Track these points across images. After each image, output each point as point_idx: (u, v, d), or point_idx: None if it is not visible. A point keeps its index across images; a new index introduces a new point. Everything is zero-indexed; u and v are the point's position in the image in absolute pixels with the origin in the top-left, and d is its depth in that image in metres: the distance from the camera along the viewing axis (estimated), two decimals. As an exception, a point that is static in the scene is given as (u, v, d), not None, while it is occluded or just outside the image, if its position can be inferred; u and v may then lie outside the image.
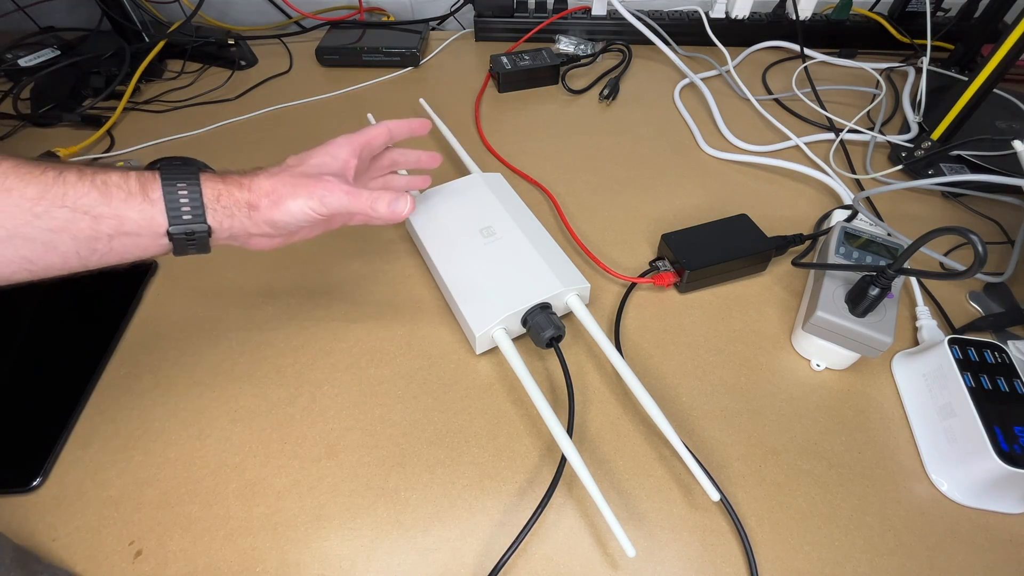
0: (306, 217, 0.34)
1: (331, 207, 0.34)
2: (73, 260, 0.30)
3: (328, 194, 0.34)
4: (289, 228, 0.35)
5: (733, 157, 0.62)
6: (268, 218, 0.33)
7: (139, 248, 0.31)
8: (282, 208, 0.33)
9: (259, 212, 0.33)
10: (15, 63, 0.70)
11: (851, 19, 0.79)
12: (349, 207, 0.35)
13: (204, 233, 0.32)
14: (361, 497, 0.36)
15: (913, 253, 0.36)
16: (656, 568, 0.34)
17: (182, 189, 0.31)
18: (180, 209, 0.31)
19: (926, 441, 0.39)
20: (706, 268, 0.46)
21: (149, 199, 0.30)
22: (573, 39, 0.78)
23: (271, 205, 0.33)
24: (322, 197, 0.34)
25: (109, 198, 0.29)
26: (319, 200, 0.34)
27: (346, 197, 0.35)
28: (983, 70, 0.51)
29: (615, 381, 0.42)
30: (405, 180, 0.47)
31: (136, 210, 0.30)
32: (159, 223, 0.31)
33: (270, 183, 0.34)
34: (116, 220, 0.30)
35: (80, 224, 0.29)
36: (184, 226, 0.31)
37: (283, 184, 0.34)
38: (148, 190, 0.31)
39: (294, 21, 0.87)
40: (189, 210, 0.31)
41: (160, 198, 0.31)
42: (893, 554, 0.34)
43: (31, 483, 0.36)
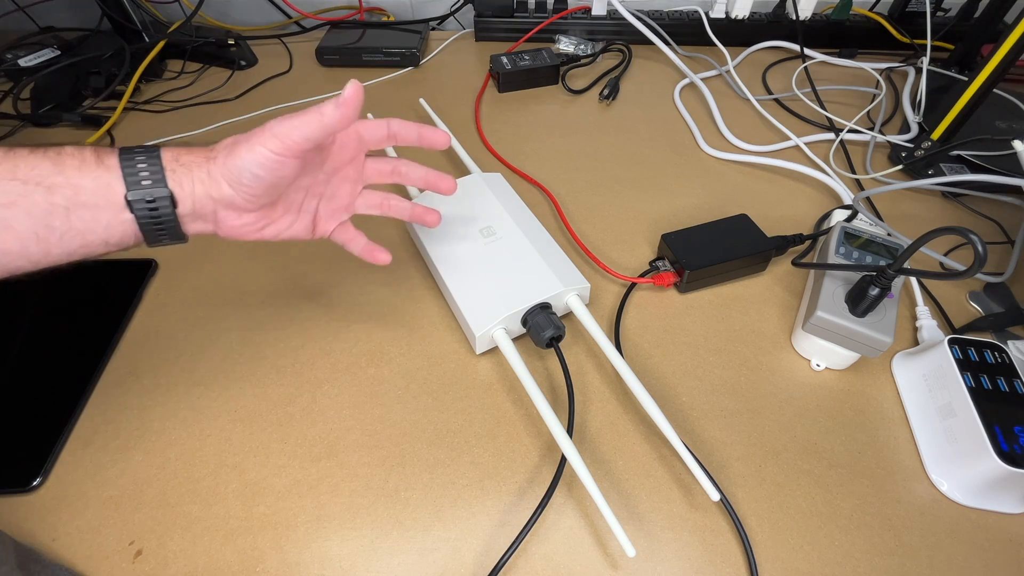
0: (263, 160, 0.31)
1: (281, 135, 0.31)
2: (32, 244, 0.28)
3: (277, 124, 0.31)
4: (245, 179, 0.31)
5: (733, 157, 0.62)
6: (224, 166, 0.31)
7: (100, 226, 0.29)
8: (238, 153, 0.31)
9: (216, 163, 0.31)
10: (15, 63, 0.70)
11: (851, 19, 0.79)
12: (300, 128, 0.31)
13: (166, 200, 0.30)
14: (361, 497, 0.36)
15: (913, 253, 0.36)
16: (656, 568, 0.34)
17: (139, 155, 0.30)
18: (138, 173, 0.29)
19: (926, 441, 0.39)
20: (706, 268, 0.46)
21: (104, 165, 0.29)
22: (573, 39, 0.78)
23: (228, 153, 0.31)
24: (273, 129, 0.31)
25: (62, 166, 0.28)
26: (271, 134, 0.31)
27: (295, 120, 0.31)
28: (983, 70, 0.51)
29: (615, 381, 0.42)
30: (409, 206, 0.42)
31: (90, 177, 0.28)
32: (116, 190, 0.29)
33: (232, 137, 0.32)
34: (71, 190, 0.28)
35: (33, 196, 0.27)
36: (143, 191, 0.29)
37: (243, 135, 0.32)
38: (103, 157, 0.29)
39: (294, 21, 0.87)
40: (148, 175, 0.29)
41: (116, 164, 0.29)
42: (893, 554, 0.34)
43: (31, 483, 0.36)
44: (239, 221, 0.33)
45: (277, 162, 0.31)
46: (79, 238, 0.29)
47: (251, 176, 0.31)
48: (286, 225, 0.36)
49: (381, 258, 0.41)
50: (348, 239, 0.40)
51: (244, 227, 0.34)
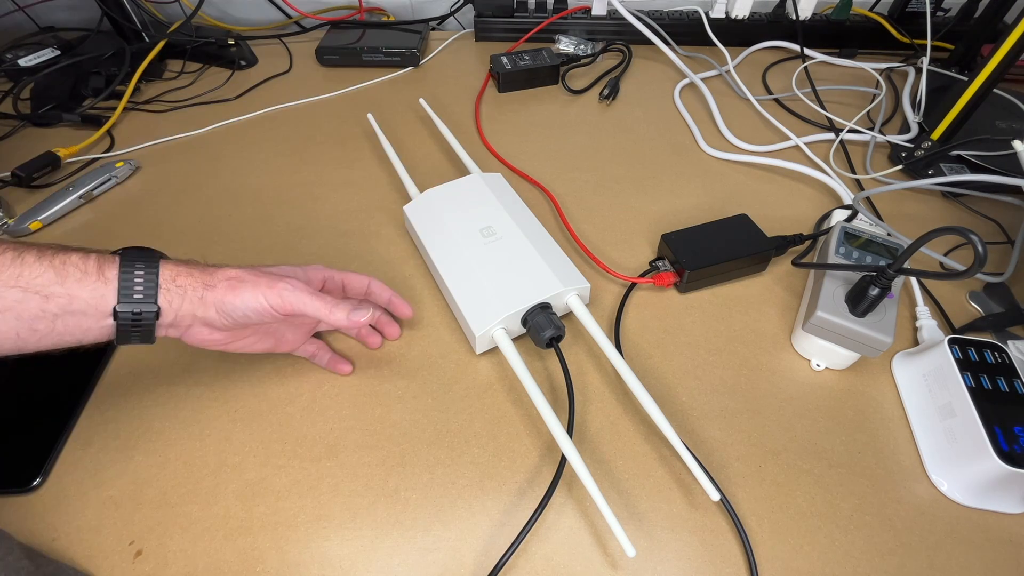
0: (261, 308, 0.34)
1: (290, 304, 0.34)
2: (8, 342, 0.29)
3: (290, 290, 0.34)
4: (236, 316, 0.34)
5: (733, 157, 0.62)
6: (221, 300, 0.33)
7: (80, 330, 0.31)
8: (239, 292, 0.33)
9: (213, 292, 0.33)
10: (15, 63, 0.70)
11: (851, 19, 0.79)
12: (307, 308, 0.35)
13: (151, 315, 0.31)
14: (361, 497, 0.36)
15: (913, 253, 0.36)
16: (656, 568, 0.34)
17: (139, 270, 0.31)
18: (133, 289, 0.31)
19: (926, 441, 0.39)
20: (706, 268, 0.46)
21: (104, 278, 0.30)
22: (573, 39, 0.78)
23: (228, 289, 0.33)
24: (283, 292, 0.34)
25: (64, 278, 0.29)
26: (278, 294, 0.34)
27: (308, 297, 0.35)
28: (983, 70, 0.51)
29: (615, 381, 0.42)
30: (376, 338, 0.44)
31: (88, 289, 0.30)
32: (108, 302, 0.30)
33: (236, 272, 0.34)
34: (66, 299, 0.29)
35: (29, 304, 0.28)
36: (132, 305, 0.31)
37: (248, 274, 0.34)
38: (104, 269, 0.31)
39: (294, 21, 0.87)
40: (142, 291, 0.31)
41: (115, 277, 0.31)
42: (893, 554, 0.34)
43: (31, 483, 0.36)
44: (209, 337, 0.35)
45: (271, 316, 0.35)
46: (55, 339, 0.30)
47: (243, 315, 0.34)
48: (250, 344, 0.38)
49: (343, 370, 0.42)
50: (312, 353, 0.43)
51: (212, 342, 0.36)
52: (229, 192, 0.58)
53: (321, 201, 0.57)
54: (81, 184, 0.56)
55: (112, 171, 0.58)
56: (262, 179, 0.59)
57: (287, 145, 0.64)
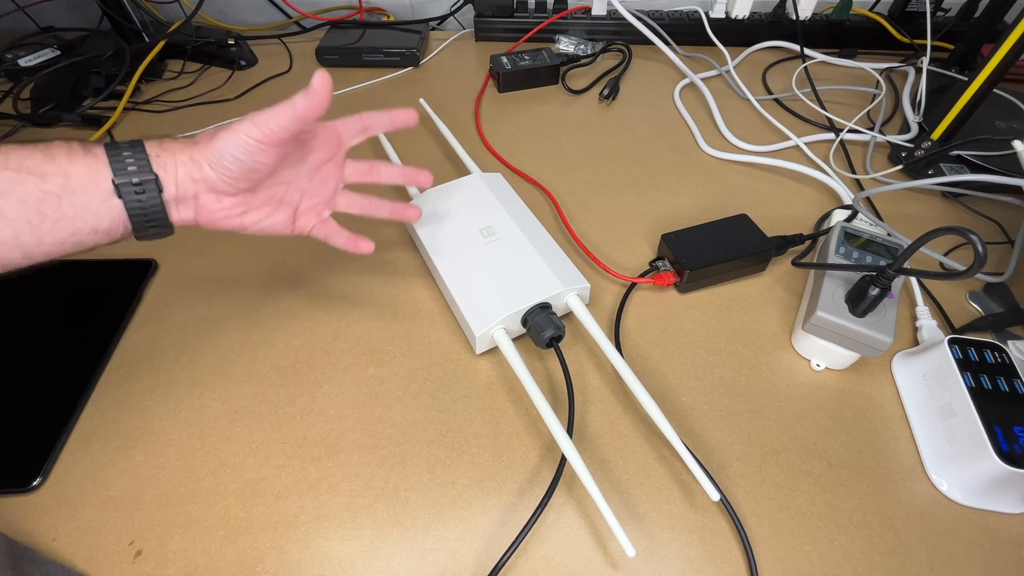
0: (242, 144, 0.32)
1: (260, 123, 0.33)
2: (25, 231, 0.29)
3: (257, 113, 0.33)
4: (228, 163, 0.33)
5: (733, 157, 0.62)
6: (207, 151, 0.33)
7: (89, 212, 0.31)
8: (220, 137, 0.33)
9: (197, 148, 0.33)
10: (15, 63, 0.70)
11: (851, 19, 0.79)
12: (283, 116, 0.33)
13: (153, 184, 0.32)
14: (361, 497, 0.36)
15: (913, 253, 0.36)
16: (656, 568, 0.34)
17: (124, 148, 0.32)
18: (124, 161, 0.31)
19: (926, 441, 0.39)
20: (706, 268, 0.46)
21: (92, 154, 0.31)
22: (573, 39, 0.78)
23: (209, 138, 0.33)
24: (254, 118, 0.33)
25: (52, 156, 0.30)
26: (251, 122, 0.33)
27: (278, 108, 0.33)
28: (983, 70, 0.51)
29: (615, 381, 0.42)
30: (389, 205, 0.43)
31: (80, 166, 0.30)
32: (104, 176, 0.31)
33: (213, 128, 0.34)
34: (62, 176, 0.30)
35: (27, 184, 0.29)
36: (130, 175, 0.31)
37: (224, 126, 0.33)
38: (90, 148, 0.31)
39: (294, 21, 0.87)
40: (133, 161, 0.31)
41: (103, 153, 0.31)
42: (893, 554, 0.34)
43: (31, 483, 0.36)
44: (219, 205, 0.35)
45: (256, 148, 0.33)
46: (69, 225, 0.30)
47: (232, 159, 0.33)
48: (265, 214, 0.37)
49: (364, 247, 0.42)
50: (330, 233, 0.41)
51: (223, 212, 0.35)
52: (229, 192, 0.58)
53: (321, 201, 0.57)
54: (81, 184, 0.56)
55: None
56: (262, 179, 0.59)
57: (287, 145, 0.64)
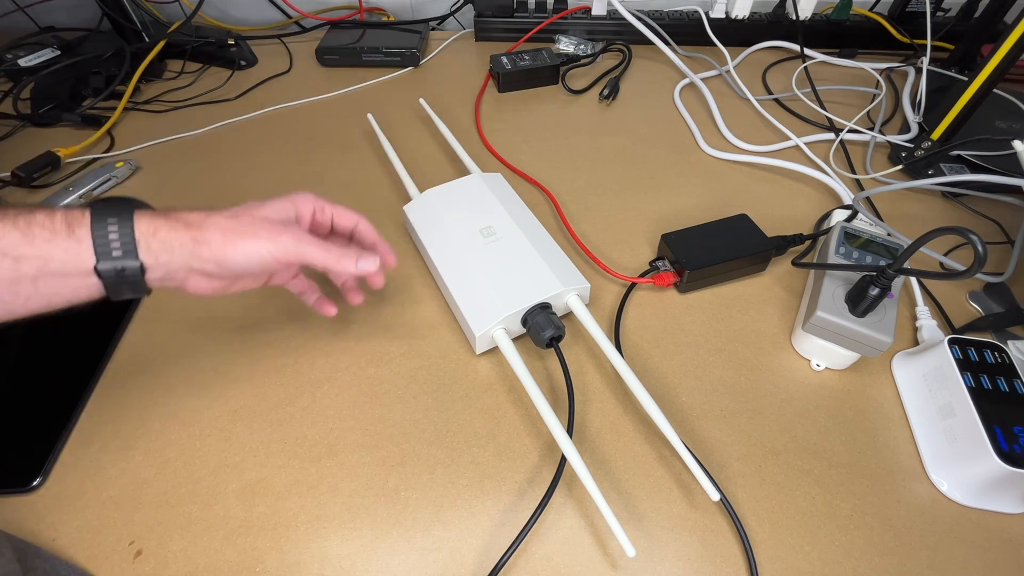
0: (261, 260, 0.32)
1: (292, 254, 0.33)
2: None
3: (294, 243, 0.33)
4: (237, 269, 0.33)
5: (733, 157, 0.62)
6: (218, 255, 0.31)
7: (67, 289, 0.29)
8: (237, 246, 0.32)
9: (208, 247, 0.31)
10: (15, 63, 0.70)
11: (851, 19, 0.79)
12: (315, 259, 0.34)
13: (136, 270, 0.30)
14: (361, 497, 0.36)
15: (913, 253, 0.36)
16: (656, 568, 0.34)
17: (112, 225, 0.29)
18: (109, 245, 0.29)
19: (926, 441, 0.39)
20: (706, 268, 0.46)
21: (75, 236, 0.29)
22: (573, 39, 0.78)
23: (224, 242, 0.32)
24: (287, 244, 0.33)
25: (32, 238, 0.28)
26: (283, 246, 0.33)
27: (313, 248, 0.34)
28: (983, 70, 0.51)
29: (615, 381, 0.42)
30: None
31: (61, 248, 0.28)
32: (86, 260, 0.29)
33: (228, 222, 0.32)
34: (40, 260, 0.28)
35: (1, 266, 0.27)
36: (113, 263, 0.29)
37: (242, 224, 0.32)
38: (74, 227, 0.29)
39: (294, 21, 0.87)
40: (119, 246, 0.29)
41: (87, 235, 0.29)
42: (893, 554, 0.34)
43: (31, 483, 0.36)
44: (209, 286, 0.34)
45: (275, 266, 0.34)
46: (44, 300, 0.29)
47: (245, 269, 0.33)
48: (246, 285, 0.37)
49: (328, 311, 0.42)
50: (302, 290, 0.42)
51: (212, 291, 0.34)
52: (229, 192, 0.58)
53: (321, 201, 0.57)
54: (81, 184, 0.56)
55: (112, 171, 0.58)
56: (262, 179, 0.59)
57: (287, 145, 0.64)
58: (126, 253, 0.29)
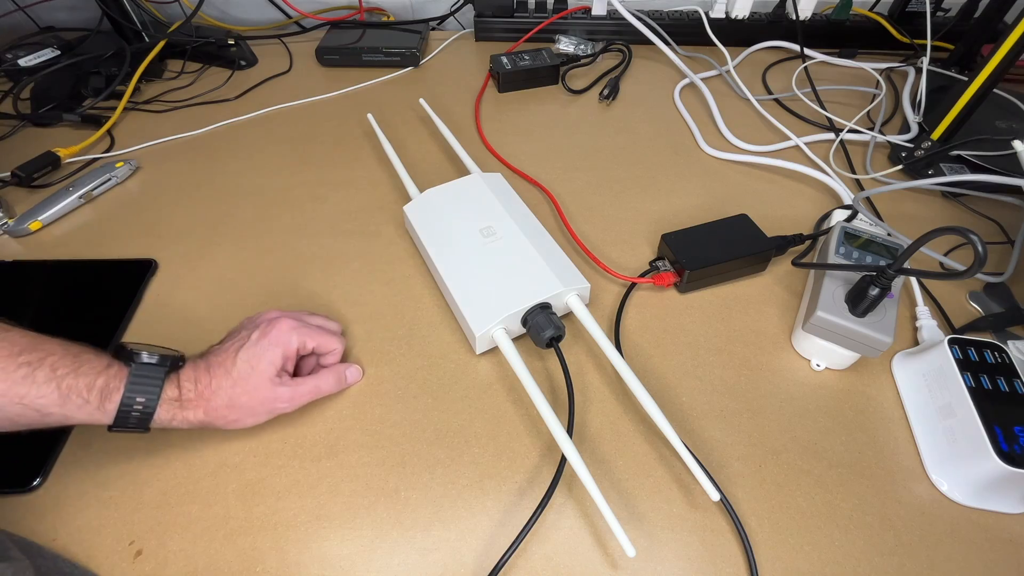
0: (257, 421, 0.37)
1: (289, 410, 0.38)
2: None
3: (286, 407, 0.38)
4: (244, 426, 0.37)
5: (733, 157, 0.62)
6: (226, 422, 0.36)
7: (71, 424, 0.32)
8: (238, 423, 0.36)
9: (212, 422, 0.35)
10: (15, 63, 0.70)
11: (851, 19, 0.79)
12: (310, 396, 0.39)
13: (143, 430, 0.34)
14: (361, 497, 0.36)
15: (913, 253, 0.36)
16: (656, 568, 0.34)
17: (138, 406, 0.32)
18: (129, 417, 0.32)
19: (926, 441, 0.39)
20: (706, 268, 0.46)
21: (103, 410, 0.32)
22: (573, 39, 0.78)
23: (227, 423, 0.36)
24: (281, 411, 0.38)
25: (66, 404, 0.31)
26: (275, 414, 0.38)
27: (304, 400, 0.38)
28: (983, 70, 0.51)
29: (615, 381, 0.42)
30: None
31: (85, 414, 0.31)
32: (103, 423, 0.32)
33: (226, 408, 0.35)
34: (62, 419, 0.31)
35: (26, 415, 0.30)
36: (125, 429, 0.33)
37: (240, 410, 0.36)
38: (106, 403, 0.32)
39: (294, 21, 0.87)
40: (138, 418, 0.33)
41: (115, 409, 0.32)
42: (893, 554, 0.34)
43: (31, 483, 0.36)
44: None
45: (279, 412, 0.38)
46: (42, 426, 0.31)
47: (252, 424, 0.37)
48: None
49: None
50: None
51: None
52: (229, 192, 0.58)
53: (321, 201, 0.57)
54: (81, 184, 0.56)
55: (112, 171, 0.58)
56: (262, 179, 0.59)
57: (287, 145, 0.64)
58: (141, 422, 0.33)
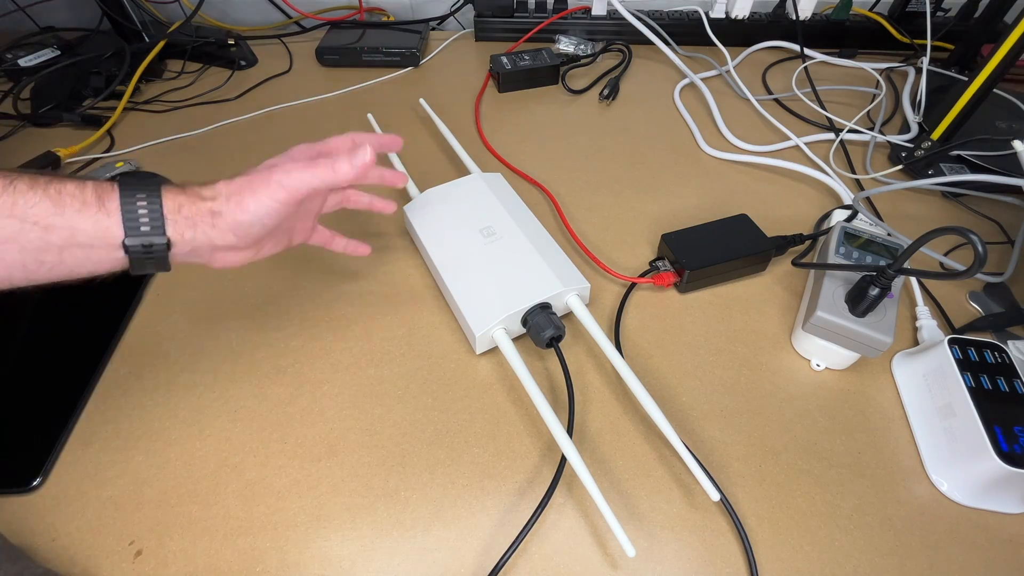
0: (270, 210, 0.33)
1: (291, 188, 0.33)
2: (18, 272, 0.28)
3: (285, 176, 0.33)
4: (254, 230, 0.33)
5: (733, 157, 0.62)
6: (233, 221, 0.32)
7: (91, 262, 0.30)
8: (244, 207, 0.32)
9: (223, 218, 0.32)
10: (15, 63, 0.70)
11: (851, 19, 0.79)
12: (312, 182, 0.34)
13: (163, 246, 0.30)
14: (361, 497, 0.36)
15: (913, 253, 0.36)
16: (656, 568, 0.34)
17: (141, 200, 0.30)
18: (138, 220, 0.29)
19: (926, 441, 0.39)
20: (706, 268, 0.46)
21: (105, 209, 0.29)
22: (573, 39, 0.78)
23: (234, 208, 0.32)
24: (280, 181, 0.33)
25: (62, 207, 0.28)
26: (277, 185, 0.33)
27: (305, 173, 0.33)
28: (983, 70, 0.51)
29: (615, 381, 0.42)
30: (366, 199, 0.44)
31: (90, 221, 0.29)
32: (115, 234, 0.29)
33: (229, 187, 0.33)
34: (68, 231, 0.28)
35: (29, 235, 0.27)
36: (141, 238, 0.30)
37: (241, 186, 0.33)
38: (105, 200, 0.29)
39: (294, 21, 0.87)
40: (148, 221, 0.30)
41: (117, 208, 0.29)
42: (893, 554, 0.34)
43: (31, 483, 0.36)
44: (237, 257, 0.35)
45: (285, 211, 0.34)
46: (67, 270, 0.29)
47: (261, 227, 0.33)
48: (271, 248, 0.38)
49: (361, 251, 0.45)
50: (325, 240, 0.43)
51: (241, 261, 0.36)
52: (229, 192, 0.58)
53: (321, 201, 0.57)
54: (81, 184, 0.56)
55: (112, 171, 0.58)
56: (262, 179, 0.59)
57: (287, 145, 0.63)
58: (154, 229, 0.30)
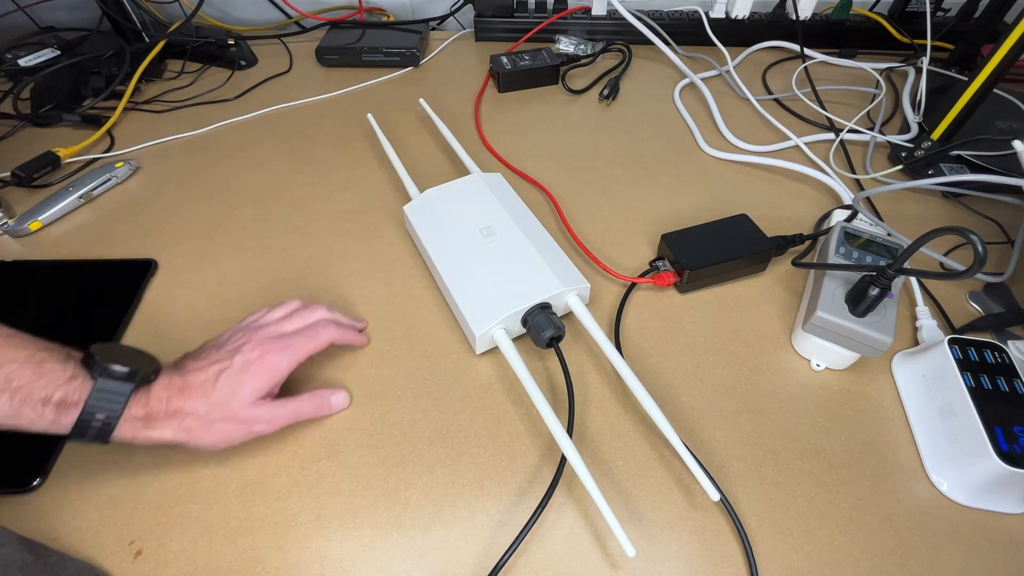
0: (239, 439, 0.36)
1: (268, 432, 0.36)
2: None
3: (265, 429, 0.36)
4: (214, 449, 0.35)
5: (733, 157, 0.62)
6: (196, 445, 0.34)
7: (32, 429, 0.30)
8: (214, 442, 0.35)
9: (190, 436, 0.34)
10: (15, 63, 0.70)
11: (851, 19, 0.79)
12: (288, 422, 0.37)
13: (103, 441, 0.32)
14: (361, 497, 0.36)
15: (913, 253, 0.36)
16: (656, 568, 0.34)
17: (98, 418, 0.31)
18: (88, 429, 0.31)
19: (926, 441, 0.39)
20: (706, 268, 0.46)
21: (59, 424, 0.30)
22: (573, 39, 0.78)
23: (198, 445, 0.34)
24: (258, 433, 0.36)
25: (18, 417, 0.29)
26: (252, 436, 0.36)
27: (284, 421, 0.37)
28: (983, 70, 0.51)
29: (615, 381, 0.42)
30: None
31: (42, 427, 0.30)
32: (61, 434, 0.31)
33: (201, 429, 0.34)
34: (17, 428, 0.29)
35: None
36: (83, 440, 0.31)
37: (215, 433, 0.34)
38: (63, 416, 0.30)
39: (294, 21, 0.87)
40: (97, 429, 0.31)
41: (71, 424, 0.30)
42: (893, 554, 0.34)
43: (31, 483, 0.36)
44: None
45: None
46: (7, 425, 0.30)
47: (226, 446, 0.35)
48: None
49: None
50: None
51: None
52: (229, 192, 0.58)
53: (321, 201, 0.57)
54: (81, 184, 0.56)
55: (112, 171, 0.58)
56: (262, 179, 0.59)
57: (287, 145, 0.64)
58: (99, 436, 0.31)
